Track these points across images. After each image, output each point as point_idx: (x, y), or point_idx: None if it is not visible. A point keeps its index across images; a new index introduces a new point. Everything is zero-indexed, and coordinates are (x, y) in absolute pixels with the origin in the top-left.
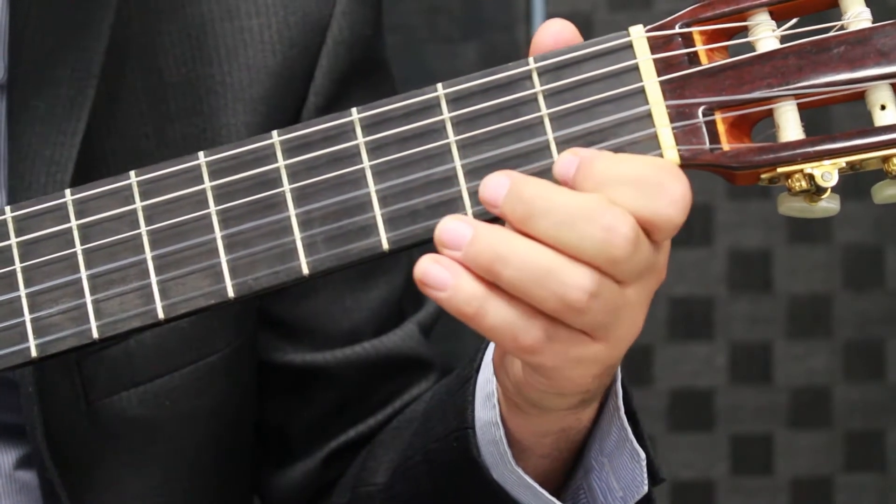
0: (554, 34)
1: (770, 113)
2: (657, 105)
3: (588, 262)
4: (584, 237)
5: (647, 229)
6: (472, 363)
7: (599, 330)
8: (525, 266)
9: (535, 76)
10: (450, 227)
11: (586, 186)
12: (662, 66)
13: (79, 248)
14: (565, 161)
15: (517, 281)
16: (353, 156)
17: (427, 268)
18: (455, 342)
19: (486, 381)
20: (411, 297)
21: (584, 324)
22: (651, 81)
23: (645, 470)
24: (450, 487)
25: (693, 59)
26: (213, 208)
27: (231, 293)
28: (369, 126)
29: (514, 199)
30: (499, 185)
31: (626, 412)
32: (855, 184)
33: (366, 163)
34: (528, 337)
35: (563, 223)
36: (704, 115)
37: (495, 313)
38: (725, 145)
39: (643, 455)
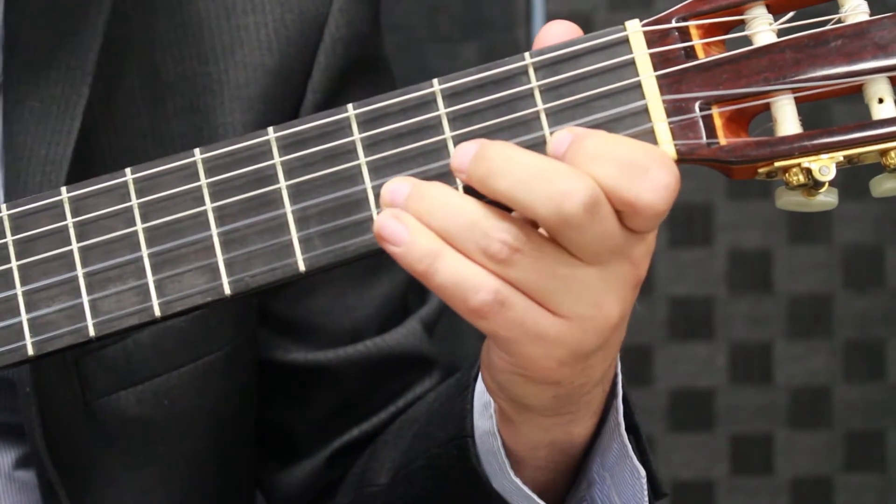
0: (557, 36)
1: (767, 107)
2: (654, 100)
3: (541, 223)
4: (536, 197)
5: (626, 212)
6: (471, 370)
7: (545, 295)
8: (450, 214)
9: (531, 71)
10: (391, 187)
11: (575, 161)
12: (659, 61)
13: (75, 245)
14: (559, 137)
15: (444, 230)
16: (349, 152)
17: (384, 222)
18: (456, 341)
19: (483, 391)
20: (415, 292)
21: (522, 281)
22: (647, 76)
23: (645, 487)
24: (451, 493)
25: (690, 53)
26: (209, 205)
27: (227, 290)
28: (365, 122)
29: (478, 160)
30: (467, 151)
31: (628, 426)
32: (855, 183)
33: (362, 159)
34: (477, 298)
35: (520, 181)
36: (701, 109)
37: (445, 272)
38: (722, 140)
39: (643, 472)
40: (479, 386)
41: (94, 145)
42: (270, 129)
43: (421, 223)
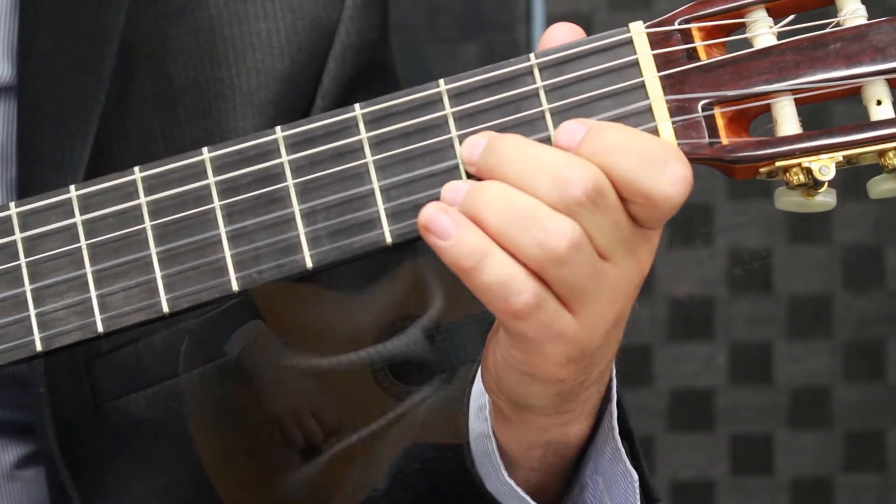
0: (560, 38)
1: (768, 108)
2: (657, 100)
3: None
4: (539, 185)
5: (643, 204)
6: (467, 374)
7: (578, 295)
8: (508, 209)
9: (536, 72)
10: (452, 185)
11: (591, 151)
12: (662, 62)
13: (83, 242)
14: (570, 127)
15: (500, 225)
16: (356, 150)
17: (433, 214)
18: (455, 347)
19: (479, 393)
20: (416, 300)
21: (566, 280)
22: (651, 76)
23: (637, 491)
24: (446, 496)
25: (692, 54)
26: (217, 203)
27: (235, 287)
28: (372, 121)
29: (488, 152)
30: (477, 143)
31: (622, 431)
32: (855, 183)
33: (369, 157)
34: (520, 299)
35: (526, 171)
36: (704, 109)
37: (492, 270)
38: (724, 139)
39: (635, 476)
40: (475, 388)
41: (106, 150)
42: (278, 128)
43: (477, 215)
